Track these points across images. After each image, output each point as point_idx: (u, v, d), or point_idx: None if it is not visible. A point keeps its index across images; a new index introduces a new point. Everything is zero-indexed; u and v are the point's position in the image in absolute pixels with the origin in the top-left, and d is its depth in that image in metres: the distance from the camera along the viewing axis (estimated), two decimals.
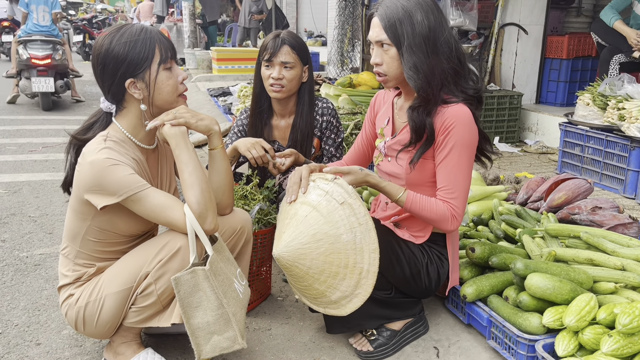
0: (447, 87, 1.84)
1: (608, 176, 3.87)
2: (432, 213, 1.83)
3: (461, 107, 1.81)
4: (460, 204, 1.84)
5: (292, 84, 2.47)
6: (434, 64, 1.80)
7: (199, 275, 1.65)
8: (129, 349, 1.85)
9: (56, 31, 7.51)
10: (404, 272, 1.91)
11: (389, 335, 1.99)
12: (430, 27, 1.79)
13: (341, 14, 7.27)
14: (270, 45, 2.44)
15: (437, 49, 1.80)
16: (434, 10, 1.82)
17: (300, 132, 2.56)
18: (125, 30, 1.70)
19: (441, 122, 1.81)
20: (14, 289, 2.50)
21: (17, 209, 3.59)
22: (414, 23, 1.78)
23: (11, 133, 5.99)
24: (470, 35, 5.75)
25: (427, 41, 1.79)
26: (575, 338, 1.70)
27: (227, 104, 6.37)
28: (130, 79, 1.68)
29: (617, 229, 2.40)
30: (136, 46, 1.67)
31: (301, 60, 2.48)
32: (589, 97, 4.02)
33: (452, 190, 1.83)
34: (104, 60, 1.67)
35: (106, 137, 1.69)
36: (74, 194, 1.74)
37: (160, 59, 1.71)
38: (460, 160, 1.82)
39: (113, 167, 1.61)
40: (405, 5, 1.80)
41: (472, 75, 1.89)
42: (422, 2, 1.81)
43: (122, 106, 1.75)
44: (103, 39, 1.69)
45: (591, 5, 6.37)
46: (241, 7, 11.58)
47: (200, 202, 1.67)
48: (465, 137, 1.81)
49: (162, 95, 1.74)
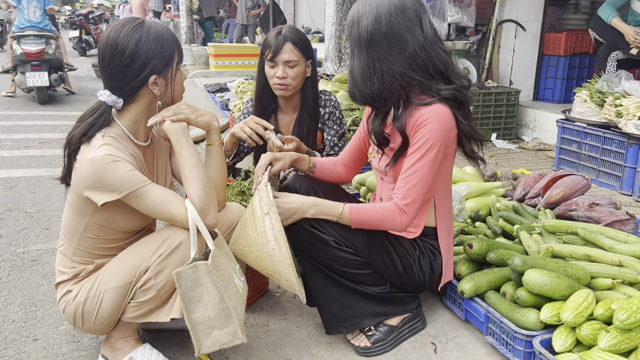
0: (409, 89, 1.80)
1: (605, 173, 3.88)
2: (378, 213, 1.81)
3: (438, 106, 1.78)
4: (410, 199, 1.78)
5: (296, 81, 2.46)
6: (372, 68, 1.79)
7: (201, 270, 1.65)
8: (126, 344, 1.85)
9: (49, 26, 7.57)
10: (397, 267, 1.91)
11: (386, 331, 1.99)
12: (371, 32, 1.76)
13: (339, 10, 7.24)
14: (273, 43, 2.42)
15: (382, 52, 1.77)
16: (390, 15, 1.76)
17: (306, 126, 2.55)
18: (150, 27, 1.69)
19: (414, 120, 1.79)
20: (10, 285, 2.49)
21: (14, 204, 3.58)
22: (360, 26, 1.79)
23: (7, 128, 5.96)
24: (468, 32, 5.75)
25: (366, 45, 1.78)
26: (573, 334, 1.70)
27: (225, 100, 6.35)
28: (155, 76, 1.69)
29: (615, 225, 2.40)
30: (164, 44, 1.69)
31: (304, 56, 2.46)
32: (587, 94, 4.03)
33: (403, 185, 1.79)
34: (132, 55, 1.64)
35: (104, 134, 1.68)
36: (72, 191, 1.73)
37: (179, 58, 1.75)
38: (425, 156, 1.77)
39: (114, 164, 1.60)
40: (359, 9, 1.80)
41: (453, 75, 1.83)
42: (382, 5, 1.77)
43: (132, 101, 1.73)
44: (129, 34, 1.65)
45: (589, 2, 6.37)
46: (238, 3, 11.55)
47: (202, 196, 1.67)
48: (437, 134, 1.76)
49: (175, 93, 1.78)
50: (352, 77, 1.86)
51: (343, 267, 1.89)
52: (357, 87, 1.85)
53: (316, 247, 1.86)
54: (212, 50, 9.50)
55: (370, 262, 1.89)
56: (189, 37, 12.10)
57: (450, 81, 1.83)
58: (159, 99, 1.74)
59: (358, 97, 1.87)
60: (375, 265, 1.91)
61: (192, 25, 12.29)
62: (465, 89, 1.83)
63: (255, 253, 1.81)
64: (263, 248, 1.78)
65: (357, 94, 1.86)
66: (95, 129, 1.68)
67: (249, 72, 8.91)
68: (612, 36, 4.40)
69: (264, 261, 1.81)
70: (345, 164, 2.21)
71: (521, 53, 5.83)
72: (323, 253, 1.86)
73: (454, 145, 1.89)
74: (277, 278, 1.83)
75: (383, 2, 1.77)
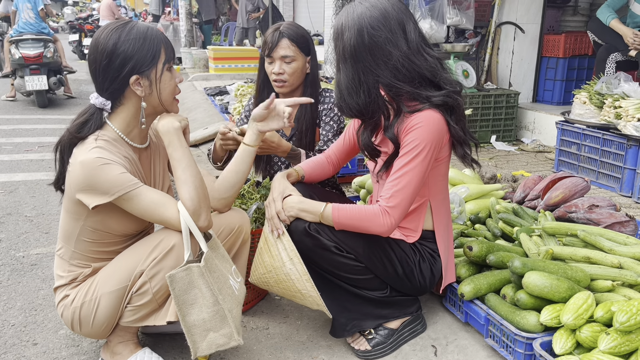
0: (398, 99, 1.80)
1: (605, 174, 3.88)
2: (360, 213, 1.79)
3: (429, 112, 1.77)
4: (395, 202, 1.76)
5: (293, 77, 2.44)
6: (358, 81, 1.79)
7: (193, 272, 1.64)
8: (126, 348, 1.84)
9: (47, 29, 7.59)
10: (397, 271, 1.91)
11: (386, 334, 1.99)
12: (354, 45, 1.76)
13: (338, 12, 7.25)
14: (270, 39, 2.42)
15: (367, 65, 1.77)
16: (372, 28, 1.75)
17: (305, 123, 2.53)
18: (132, 27, 1.68)
19: (405, 126, 1.79)
20: (10, 289, 2.49)
21: (13, 208, 3.58)
22: (344, 40, 1.79)
23: (7, 132, 5.97)
24: (467, 34, 5.76)
25: (351, 58, 1.78)
26: (573, 336, 1.70)
27: (224, 103, 6.36)
28: (136, 76, 1.67)
29: (614, 227, 2.40)
30: (145, 43, 1.67)
31: (302, 51, 2.44)
32: (586, 96, 4.03)
33: (390, 187, 1.78)
34: (110, 55, 1.64)
35: (97, 137, 1.67)
36: (66, 195, 1.73)
37: (165, 59, 1.72)
38: (414, 160, 1.76)
39: (104, 167, 1.60)
40: (342, 22, 1.80)
41: (443, 81, 1.82)
42: (364, 18, 1.76)
43: (119, 103, 1.72)
44: (109, 34, 1.66)
45: (587, 4, 6.38)
46: (238, 7, 11.57)
47: (194, 199, 1.67)
48: (426, 138, 1.75)
49: (163, 94, 1.74)
50: (339, 90, 1.85)
51: (344, 273, 1.89)
52: (345, 101, 1.85)
53: (317, 253, 1.85)
54: (212, 53, 9.52)
55: (371, 267, 1.89)
56: (189, 41, 12.12)
57: (440, 87, 1.82)
58: (144, 100, 1.72)
59: (346, 111, 1.87)
60: (376, 270, 1.90)
61: (191, 28, 12.29)
62: (456, 93, 1.82)
63: (275, 277, 1.87)
64: (281, 270, 1.84)
65: (345, 107, 1.86)
66: (85, 131, 1.67)
67: (248, 75, 8.92)
68: (611, 38, 4.41)
69: (284, 283, 1.86)
70: (332, 161, 2.21)
71: (520, 55, 5.84)
72: (324, 259, 1.86)
73: (448, 150, 1.89)
74: (299, 298, 1.88)
75: (365, 14, 1.76)
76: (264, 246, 1.89)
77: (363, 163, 3.68)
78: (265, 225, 1.89)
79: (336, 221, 1.81)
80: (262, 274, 1.91)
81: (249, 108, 2.71)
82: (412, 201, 1.81)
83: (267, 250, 1.87)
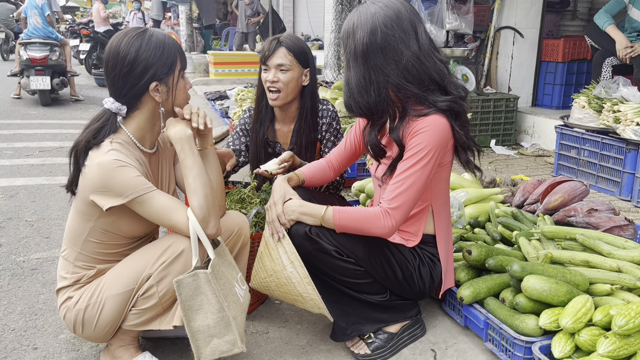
0: (405, 101, 1.80)
1: (604, 178, 3.89)
2: (361, 215, 1.79)
3: (435, 117, 1.77)
4: (397, 204, 1.76)
5: (288, 88, 2.42)
6: (368, 80, 1.79)
7: (200, 278, 1.66)
8: (126, 352, 1.85)
9: (54, 34, 8.16)
10: (397, 275, 1.92)
11: (386, 338, 1.99)
12: (366, 44, 1.76)
13: (338, 17, 7.28)
14: (267, 47, 2.43)
15: (378, 64, 1.77)
16: (386, 27, 1.75)
17: (305, 137, 2.52)
18: (151, 35, 1.72)
19: (410, 129, 1.79)
20: (10, 294, 2.49)
21: (14, 213, 3.58)
22: (356, 38, 1.79)
23: (7, 137, 5.98)
24: (466, 39, 5.78)
25: (362, 57, 1.78)
26: (572, 340, 1.70)
27: (224, 108, 6.38)
28: (156, 82, 1.71)
29: (613, 231, 2.41)
30: (164, 51, 1.71)
31: (300, 63, 2.44)
32: (585, 100, 4.05)
33: (393, 189, 1.78)
34: (132, 63, 1.67)
35: (112, 140, 1.70)
36: (78, 196, 1.74)
37: (181, 66, 1.77)
38: (418, 164, 1.76)
39: (120, 169, 1.62)
40: (355, 21, 1.81)
41: (450, 85, 1.83)
42: (378, 17, 1.76)
43: (135, 108, 1.75)
44: (129, 42, 1.68)
45: (586, 9, 6.41)
46: (238, 12, 11.62)
47: (203, 206, 1.69)
48: (431, 143, 1.75)
49: (177, 100, 1.79)
50: (349, 88, 1.85)
51: (344, 277, 1.89)
52: (354, 99, 1.84)
53: (318, 257, 1.86)
54: (212, 58, 9.55)
55: (371, 271, 1.90)
56: (189, 45, 12.17)
57: (447, 91, 1.83)
58: (162, 106, 1.76)
59: (355, 109, 1.87)
60: (375, 274, 1.91)
61: (192, 33, 12.34)
62: (462, 99, 1.83)
63: (276, 281, 1.87)
64: (282, 274, 1.84)
65: (354, 105, 1.86)
66: (102, 136, 1.70)
67: (248, 80, 8.94)
68: (607, 43, 4.43)
69: (285, 287, 1.86)
70: (333, 166, 2.21)
71: (519, 59, 5.86)
72: (324, 263, 1.86)
73: (451, 155, 1.89)
74: (301, 302, 1.88)
75: (378, 13, 1.77)
76: (264, 250, 1.90)
77: (365, 167, 3.69)
78: (265, 229, 1.90)
79: (337, 223, 1.81)
80: (263, 278, 1.92)
81: (244, 122, 2.67)
82: (414, 204, 1.81)
83: (268, 254, 1.87)
